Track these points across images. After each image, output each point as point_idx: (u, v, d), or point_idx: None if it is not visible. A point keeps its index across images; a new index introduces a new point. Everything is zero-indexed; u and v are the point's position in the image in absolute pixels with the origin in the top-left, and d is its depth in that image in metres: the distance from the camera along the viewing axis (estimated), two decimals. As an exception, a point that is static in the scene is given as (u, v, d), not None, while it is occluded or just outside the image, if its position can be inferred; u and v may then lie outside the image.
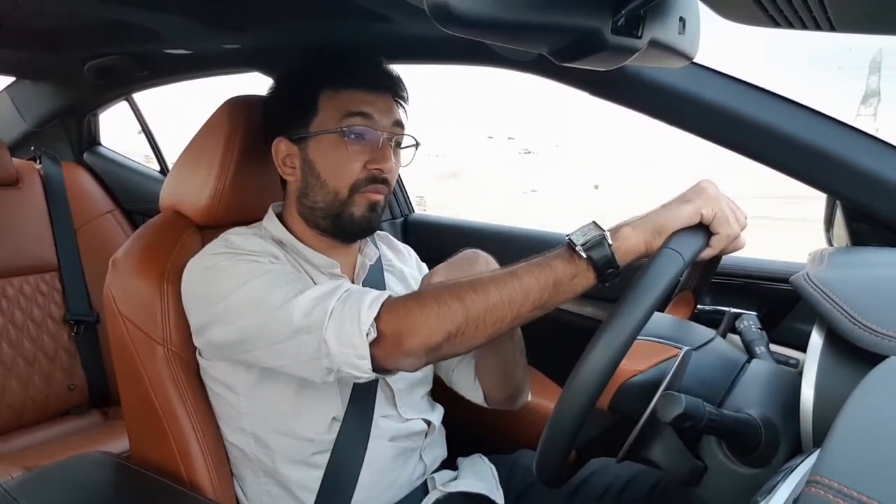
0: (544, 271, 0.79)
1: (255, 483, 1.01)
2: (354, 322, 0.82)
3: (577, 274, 0.79)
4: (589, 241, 0.78)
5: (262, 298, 0.87)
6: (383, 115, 0.98)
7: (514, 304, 0.79)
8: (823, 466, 0.46)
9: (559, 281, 0.79)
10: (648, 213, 0.81)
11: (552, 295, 0.79)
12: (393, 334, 0.81)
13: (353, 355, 0.82)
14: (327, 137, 0.97)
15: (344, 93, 0.98)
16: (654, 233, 0.79)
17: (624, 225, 0.81)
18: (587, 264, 0.78)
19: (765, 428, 0.77)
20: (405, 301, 0.84)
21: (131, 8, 1.20)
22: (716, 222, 0.79)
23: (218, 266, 0.93)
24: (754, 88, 1.05)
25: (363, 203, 0.98)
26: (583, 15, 0.58)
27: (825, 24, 0.58)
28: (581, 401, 0.69)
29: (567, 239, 0.80)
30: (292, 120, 1.00)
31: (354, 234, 1.03)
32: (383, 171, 0.97)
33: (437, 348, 0.81)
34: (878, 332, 0.71)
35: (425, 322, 0.80)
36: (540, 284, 0.79)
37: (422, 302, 0.82)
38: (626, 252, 0.79)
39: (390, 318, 0.82)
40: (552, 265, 0.79)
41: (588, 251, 0.78)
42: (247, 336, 0.89)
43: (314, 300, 0.85)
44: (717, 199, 0.80)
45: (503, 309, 0.79)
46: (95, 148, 2.21)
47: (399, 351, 0.82)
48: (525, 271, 0.80)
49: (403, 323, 0.81)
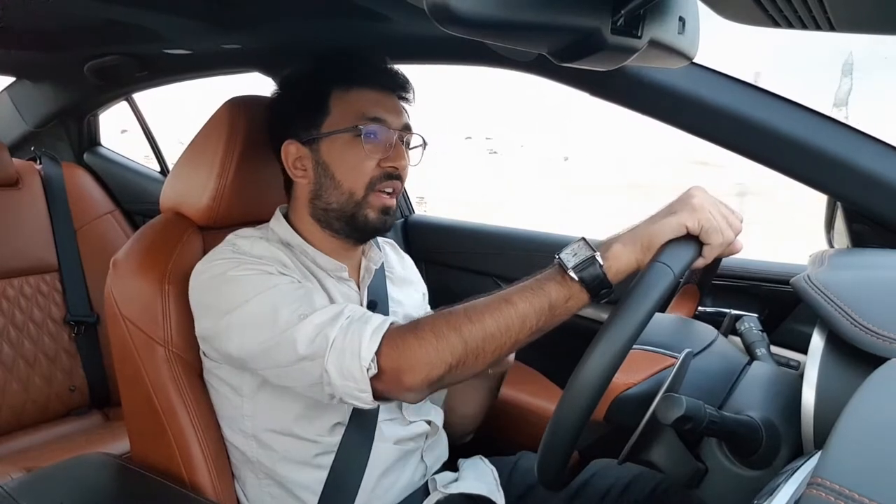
0: (538, 296, 0.79)
1: (257, 484, 1.01)
2: (355, 356, 0.82)
3: (570, 297, 0.79)
4: (580, 264, 0.78)
5: (267, 319, 0.87)
6: (394, 116, 0.99)
7: (512, 332, 0.80)
8: (824, 468, 0.46)
9: (554, 305, 0.79)
10: (636, 227, 0.80)
11: (548, 319, 0.80)
12: (393, 371, 0.82)
13: (354, 388, 0.83)
14: (341, 137, 0.97)
15: (354, 92, 0.98)
16: (644, 249, 0.78)
17: (614, 241, 0.80)
18: (580, 286, 0.78)
19: (766, 430, 0.76)
20: (404, 334, 0.83)
21: (131, 8, 1.20)
22: (704, 233, 0.77)
23: (226, 276, 0.92)
24: (754, 88, 1.05)
25: (377, 205, 0.98)
26: (582, 15, 0.58)
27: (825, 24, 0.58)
28: (581, 405, 0.69)
29: (557, 259, 0.79)
30: (302, 122, 1.00)
31: (368, 234, 1.03)
32: (398, 168, 0.98)
33: (438, 381, 0.82)
34: (879, 334, 0.71)
35: (424, 357, 0.81)
36: (535, 310, 0.79)
37: (420, 336, 0.82)
38: (619, 271, 0.78)
39: (390, 352, 0.82)
40: (545, 289, 0.79)
41: (580, 273, 0.77)
42: (251, 355, 0.89)
43: (316, 328, 0.85)
44: (703, 209, 0.78)
45: (501, 338, 0.80)
46: (95, 148, 2.21)
47: (400, 387, 0.83)
48: (519, 297, 0.80)
49: (403, 359, 0.82)
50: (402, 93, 1.03)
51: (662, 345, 0.84)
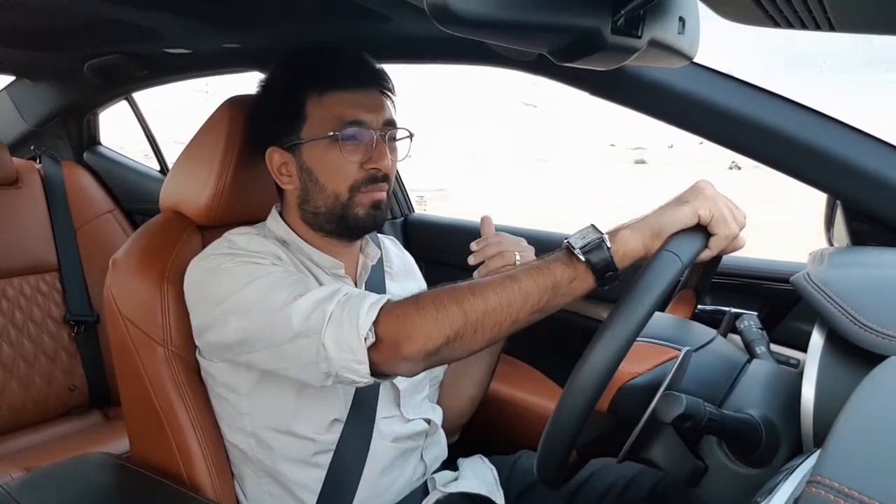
0: (543, 275, 0.79)
1: (256, 483, 1.01)
2: (353, 326, 0.82)
3: (575, 277, 0.79)
4: (588, 245, 0.78)
5: (263, 301, 0.87)
6: (374, 114, 0.97)
7: (513, 308, 0.79)
8: (824, 466, 0.46)
9: (558, 284, 0.79)
10: (647, 216, 0.81)
11: (551, 298, 0.79)
12: (391, 339, 0.81)
13: (351, 360, 0.82)
14: (320, 143, 0.96)
15: (330, 95, 0.97)
16: (653, 235, 0.79)
17: (622, 227, 0.80)
18: (586, 267, 0.78)
19: (765, 428, 0.77)
20: (404, 305, 0.83)
21: (131, 7, 1.20)
22: (713, 223, 0.79)
23: (220, 267, 0.92)
24: (754, 88, 1.05)
25: (366, 202, 0.98)
26: (583, 15, 0.58)
27: (825, 24, 0.58)
28: (581, 402, 0.69)
29: (566, 242, 0.79)
30: (282, 129, 0.99)
31: (360, 231, 1.03)
32: (381, 169, 0.97)
33: (435, 353, 0.81)
34: (878, 331, 0.71)
35: (423, 326, 0.80)
36: (539, 288, 0.79)
37: (420, 306, 0.81)
38: (625, 255, 0.79)
39: (389, 322, 0.82)
40: (551, 268, 0.79)
41: (587, 254, 0.78)
42: (247, 338, 0.89)
43: (313, 304, 0.85)
44: (715, 200, 0.80)
45: (502, 312, 0.79)
46: (95, 148, 2.20)
47: (397, 356, 0.82)
48: (524, 275, 0.80)
49: (402, 327, 0.81)
50: (382, 87, 1.00)
51: (665, 338, 0.84)
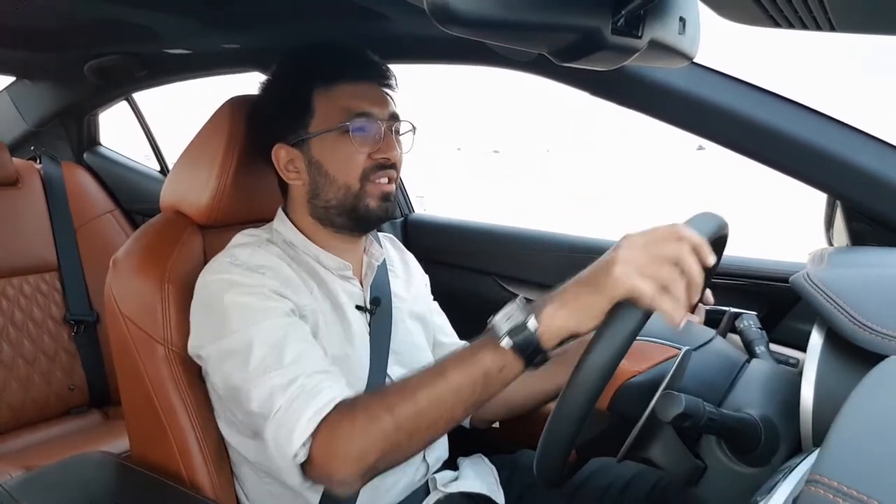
0: (471, 366, 0.76)
1: (257, 483, 1.01)
2: (289, 437, 0.81)
3: (504, 364, 0.74)
4: (513, 329, 0.73)
5: (242, 360, 0.87)
6: (380, 107, 0.99)
7: (446, 406, 0.77)
8: (823, 465, 0.46)
9: (488, 373, 0.75)
10: (579, 277, 0.73)
11: (484, 389, 0.76)
12: (323, 459, 0.80)
13: (282, 465, 0.83)
14: (330, 135, 0.97)
15: (336, 88, 0.98)
16: (583, 311, 0.71)
17: (549, 302, 0.73)
18: (513, 353, 0.73)
19: (764, 427, 0.77)
20: (341, 420, 0.81)
21: (131, 8, 1.21)
22: (654, 299, 0.66)
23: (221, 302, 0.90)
24: (754, 88, 1.05)
25: (376, 194, 0.98)
26: (583, 15, 0.58)
27: (825, 25, 0.58)
28: (581, 401, 0.69)
29: (491, 324, 0.75)
30: (288, 125, 0.99)
31: (372, 223, 1.03)
32: (389, 158, 0.98)
33: (371, 469, 0.80)
34: (877, 331, 0.71)
35: (356, 446, 0.78)
36: (470, 380, 0.75)
37: (353, 419, 0.80)
38: (553, 335, 0.72)
39: (325, 439, 0.80)
40: (479, 357, 0.75)
41: (514, 338, 0.73)
42: (227, 384, 0.90)
43: (269, 389, 0.84)
44: (629, 276, 0.66)
45: (434, 412, 0.77)
46: (95, 148, 2.21)
47: (330, 479, 0.82)
48: (452, 367, 0.77)
49: (336, 448, 0.79)
50: (385, 81, 1.02)
51: (665, 337, 0.85)
